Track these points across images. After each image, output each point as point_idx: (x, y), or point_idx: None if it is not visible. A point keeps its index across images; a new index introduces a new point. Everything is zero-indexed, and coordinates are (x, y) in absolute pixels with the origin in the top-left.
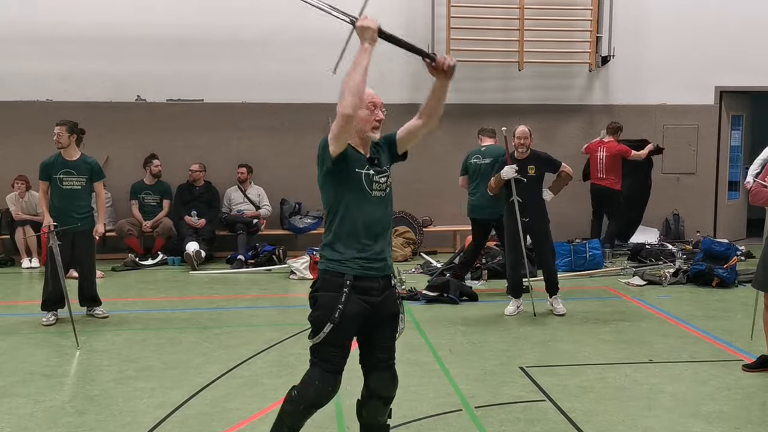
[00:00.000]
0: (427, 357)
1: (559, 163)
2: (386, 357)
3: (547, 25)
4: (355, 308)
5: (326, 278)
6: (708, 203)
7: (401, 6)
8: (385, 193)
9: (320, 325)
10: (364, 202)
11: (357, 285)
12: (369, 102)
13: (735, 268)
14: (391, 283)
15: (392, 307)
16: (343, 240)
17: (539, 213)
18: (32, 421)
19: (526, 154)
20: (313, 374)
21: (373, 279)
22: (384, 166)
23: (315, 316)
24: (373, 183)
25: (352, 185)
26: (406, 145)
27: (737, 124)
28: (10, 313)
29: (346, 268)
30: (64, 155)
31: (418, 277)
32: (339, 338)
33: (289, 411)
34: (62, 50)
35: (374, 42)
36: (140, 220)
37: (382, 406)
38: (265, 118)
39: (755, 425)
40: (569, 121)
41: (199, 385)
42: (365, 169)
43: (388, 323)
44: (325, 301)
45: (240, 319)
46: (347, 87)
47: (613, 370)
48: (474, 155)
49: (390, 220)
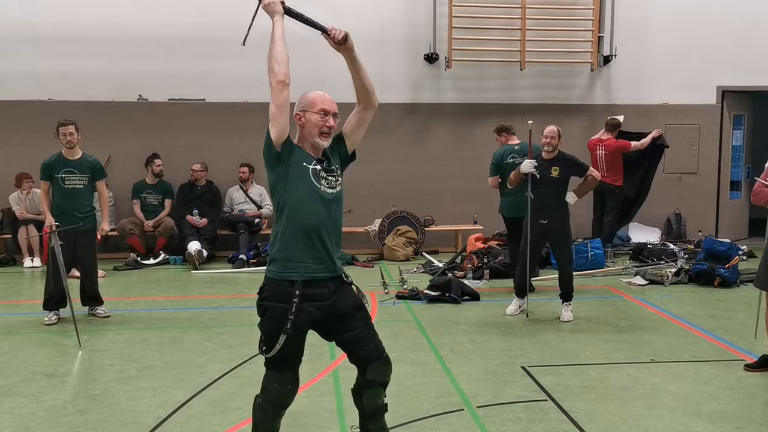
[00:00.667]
0: (429, 356)
1: (587, 167)
2: (374, 347)
3: (548, 25)
4: (306, 317)
5: (273, 287)
6: (710, 203)
7: (403, 6)
8: (335, 192)
9: (273, 337)
10: (314, 199)
11: (306, 292)
12: (320, 108)
13: (737, 267)
14: (344, 282)
15: (352, 301)
16: (292, 240)
17: (560, 216)
18: (34, 420)
19: (552, 154)
20: (270, 379)
21: (321, 283)
22: (333, 165)
23: (267, 327)
24: (321, 179)
25: (299, 180)
26: (356, 137)
27: (739, 123)
28: (12, 312)
29: (294, 273)
30: (66, 155)
31: (419, 277)
32: (291, 346)
33: (259, 418)
34: (64, 50)
35: (281, 14)
36: (142, 220)
37: (381, 391)
38: (267, 118)
39: (757, 425)
40: (571, 120)
41: (200, 385)
42: (312, 164)
43: (356, 317)
44: (274, 312)
45: (241, 318)
46: (273, 57)
47: (615, 369)
48: (509, 155)
49: (340, 221)
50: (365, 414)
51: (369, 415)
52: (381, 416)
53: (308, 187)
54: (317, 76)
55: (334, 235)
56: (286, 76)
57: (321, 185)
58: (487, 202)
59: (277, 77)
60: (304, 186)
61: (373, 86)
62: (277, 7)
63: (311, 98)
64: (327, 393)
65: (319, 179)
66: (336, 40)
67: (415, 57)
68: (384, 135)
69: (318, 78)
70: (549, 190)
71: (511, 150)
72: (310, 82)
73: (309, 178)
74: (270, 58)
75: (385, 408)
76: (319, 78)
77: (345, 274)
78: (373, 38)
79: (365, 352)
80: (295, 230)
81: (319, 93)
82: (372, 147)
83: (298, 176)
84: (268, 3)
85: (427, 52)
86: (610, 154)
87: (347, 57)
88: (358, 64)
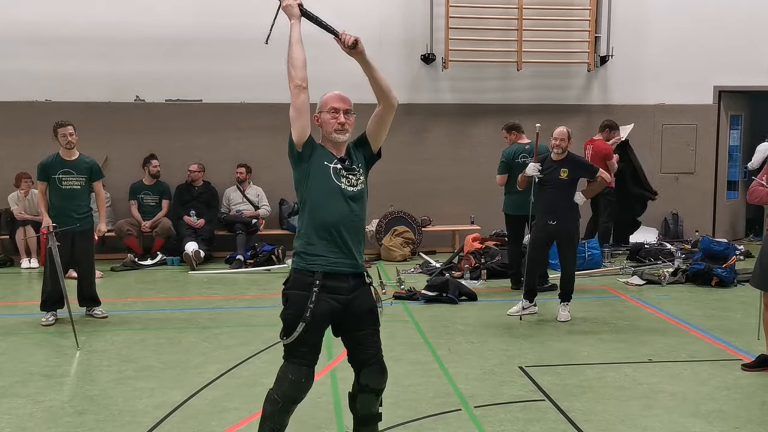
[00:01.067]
0: (427, 356)
1: (597, 169)
2: (373, 352)
3: (545, 25)
4: (325, 307)
5: (297, 276)
6: (707, 203)
7: (400, 6)
8: (356, 190)
9: (292, 324)
10: (335, 196)
11: (326, 284)
12: (330, 107)
13: (734, 267)
14: (364, 281)
15: (367, 303)
16: (314, 235)
17: (569, 218)
18: (32, 421)
19: (561, 155)
20: (285, 370)
21: (342, 277)
22: (355, 165)
23: (287, 315)
24: (341, 177)
25: (320, 178)
26: (379, 137)
27: (736, 123)
28: (10, 313)
29: (315, 265)
30: (63, 155)
31: (417, 277)
32: (310, 337)
33: (269, 411)
34: (61, 50)
35: (298, 17)
36: (139, 220)
37: (375, 398)
38: (264, 118)
39: (755, 425)
40: (568, 120)
41: (198, 385)
42: (333, 163)
43: (366, 319)
44: (295, 299)
45: (239, 319)
46: (290, 62)
47: (613, 369)
48: (520, 154)
49: (362, 218)
50: (358, 419)
51: (361, 420)
52: (374, 424)
53: (329, 184)
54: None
55: (355, 232)
56: (303, 80)
57: (341, 183)
58: (484, 203)
59: (294, 81)
60: (325, 184)
61: (389, 86)
62: (294, 11)
63: (325, 99)
64: (325, 393)
65: (339, 177)
66: (347, 44)
67: (412, 57)
68: None
69: (312, 81)
70: (558, 191)
71: (521, 149)
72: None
73: (330, 176)
74: (287, 63)
75: (379, 417)
76: (314, 81)
77: (367, 273)
78: (370, 38)
79: (364, 354)
80: (317, 226)
81: (334, 92)
82: None
83: (319, 174)
84: (286, 5)
85: (424, 52)
86: (595, 155)
87: (360, 60)
88: (372, 66)
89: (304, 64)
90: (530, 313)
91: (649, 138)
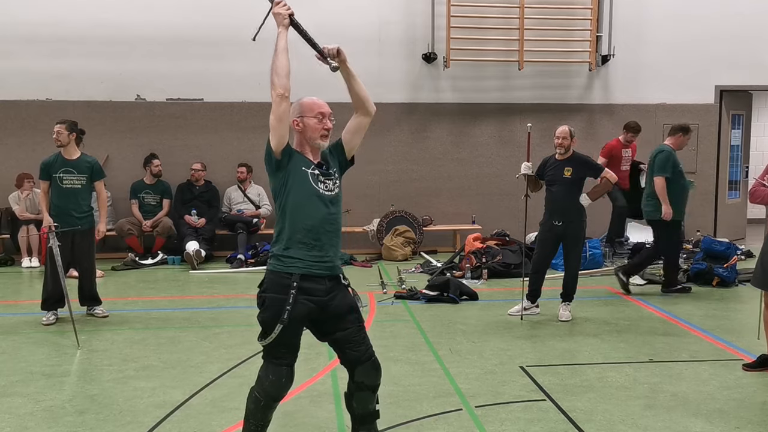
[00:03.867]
0: (427, 356)
1: (601, 168)
2: (363, 349)
3: (547, 25)
4: (303, 309)
5: (273, 278)
6: (708, 202)
7: (401, 5)
8: (333, 194)
9: (270, 326)
10: (314, 200)
11: (303, 285)
12: (318, 112)
13: (735, 267)
14: (341, 282)
15: (346, 302)
16: (291, 238)
17: (575, 218)
18: (32, 420)
19: (565, 155)
20: (266, 370)
21: (319, 279)
22: (331, 169)
23: (264, 317)
24: (319, 183)
25: (300, 183)
26: (354, 144)
27: (737, 123)
28: (11, 312)
29: (293, 267)
30: (64, 154)
31: (418, 277)
32: (288, 338)
33: (252, 409)
34: (62, 49)
35: (286, 27)
36: (140, 220)
37: (371, 395)
38: (265, 118)
39: (755, 425)
40: (569, 120)
41: (199, 385)
42: (311, 169)
43: (349, 317)
44: (273, 302)
45: (240, 318)
46: (274, 71)
47: (614, 369)
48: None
49: (339, 221)
50: (356, 418)
51: (360, 419)
52: (372, 421)
53: (307, 189)
54: (312, 79)
55: (332, 235)
56: (286, 89)
57: (319, 188)
58: (485, 202)
59: (277, 90)
60: (304, 189)
61: (368, 95)
62: (284, 21)
63: (308, 103)
64: (325, 393)
65: (317, 182)
66: (331, 56)
67: (413, 56)
68: (382, 135)
69: (313, 80)
70: (563, 191)
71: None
72: (305, 83)
73: (308, 181)
74: (271, 71)
75: (377, 414)
76: (315, 81)
77: (343, 275)
78: (371, 37)
79: (355, 353)
80: (295, 230)
81: (313, 98)
82: (370, 147)
83: (297, 180)
84: (277, 13)
85: (426, 51)
86: (602, 151)
87: (343, 70)
88: (352, 75)
89: (288, 73)
90: (531, 314)
91: (651, 138)
